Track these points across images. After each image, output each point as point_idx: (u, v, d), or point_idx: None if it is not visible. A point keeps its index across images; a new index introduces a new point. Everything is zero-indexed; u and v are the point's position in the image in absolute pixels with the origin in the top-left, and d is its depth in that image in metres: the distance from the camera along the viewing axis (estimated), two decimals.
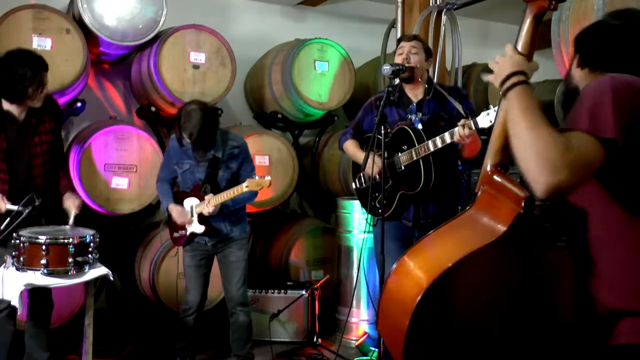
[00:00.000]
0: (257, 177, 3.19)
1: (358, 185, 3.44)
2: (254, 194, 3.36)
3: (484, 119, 2.72)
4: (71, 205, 3.18)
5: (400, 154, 3.12)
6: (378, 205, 3.21)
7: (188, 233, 3.43)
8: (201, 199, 3.35)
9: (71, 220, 3.13)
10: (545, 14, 1.59)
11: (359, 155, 3.30)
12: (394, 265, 1.61)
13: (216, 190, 3.33)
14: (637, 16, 1.61)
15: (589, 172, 1.38)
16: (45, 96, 3.16)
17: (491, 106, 2.74)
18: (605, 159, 1.38)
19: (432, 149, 2.97)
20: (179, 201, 3.46)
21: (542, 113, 1.39)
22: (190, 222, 3.40)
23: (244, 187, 3.18)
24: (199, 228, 3.38)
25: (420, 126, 3.13)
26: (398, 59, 3.15)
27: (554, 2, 1.54)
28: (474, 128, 2.76)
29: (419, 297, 1.44)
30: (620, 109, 1.37)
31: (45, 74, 3.09)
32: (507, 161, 1.62)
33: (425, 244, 1.63)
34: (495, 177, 1.59)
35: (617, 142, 1.37)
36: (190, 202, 3.42)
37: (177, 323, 3.57)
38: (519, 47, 1.58)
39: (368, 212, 3.36)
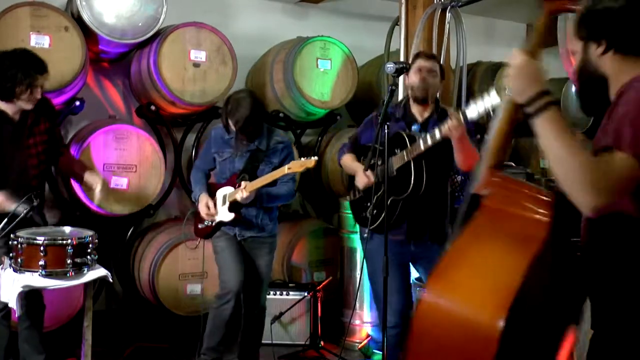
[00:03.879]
0: (302, 159, 3.10)
1: (352, 197, 3.31)
2: (290, 192, 3.33)
3: (472, 110, 2.67)
4: (96, 180, 3.16)
5: (392, 158, 2.99)
6: (368, 216, 3.09)
7: (215, 223, 3.34)
8: (238, 186, 3.24)
9: (98, 193, 3.14)
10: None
11: (355, 167, 3.18)
12: (424, 294, 1.47)
13: None
14: None
15: (631, 189, 1.39)
16: (39, 98, 3.11)
17: (480, 98, 2.67)
18: None
19: (422, 147, 2.86)
20: (212, 193, 3.38)
21: (574, 136, 1.41)
22: (215, 214, 3.30)
23: (285, 169, 3.08)
24: (227, 216, 3.27)
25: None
26: (414, 77, 3.03)
27: (572, 2, 1.51)
28: (462, 118, 2.70)
29: (501, 322, 1.32)
30: None
31: (37, 77, 3.03)
32: (504, 160, 1.61)
33: (458, 259, 1.50)
34: (507, 180, 1.55)
35: None
36: (224, 190, 3.33)
37: (188, 320, 3.45)
38: (528, 46, 1.53)
39: (359, 224, 3.27)
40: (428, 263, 3.03)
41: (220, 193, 3.36)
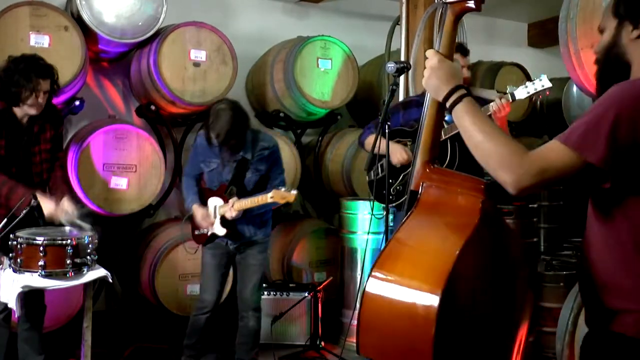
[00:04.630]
0: (283, 190, 3.13)
1: (374, 176, 3.38)
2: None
3: (521, 92, 2.86)
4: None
5: None
6: (393, 193, 3.24)
7: (209, 233, 3.37)
8: (225, 200, 3.29)
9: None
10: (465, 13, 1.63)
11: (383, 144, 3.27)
12: (368, 281, 1.54)
13: (242, 192, 3.28)
14: None
15: (560, 177, 1.41)
16: (45, 104, 3.10)
17: (530, 82, 2.92)
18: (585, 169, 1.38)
19: None
20: (204, 198, 3.39)
21: (491, 122, 1.51)
22: (212, 223, 3.34)
23: (268, 198, 3.13)
24: (220, 230, 3.33)
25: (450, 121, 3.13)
26: None
27: (476, 2, 1.57)
28: (511, 100, 2.87)
29: (438, 303, 1.40)
30: (617, 134, 1.33)
31: (39, 81, 3.02)
32: (437, 156, 1.69)
33: (396, 251, 1.58)
34: (440, 173, 1.65)
35: (601, 169, 1.36)
36: (215, 201, 3.35)
37: (188, 320, 3.51)
38: (441, 48, 1.62)
39: (379, 202, 3.36)
40: None
41: (212, 203, 3.37)
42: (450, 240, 1.51)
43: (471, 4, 1.58)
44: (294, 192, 3.13)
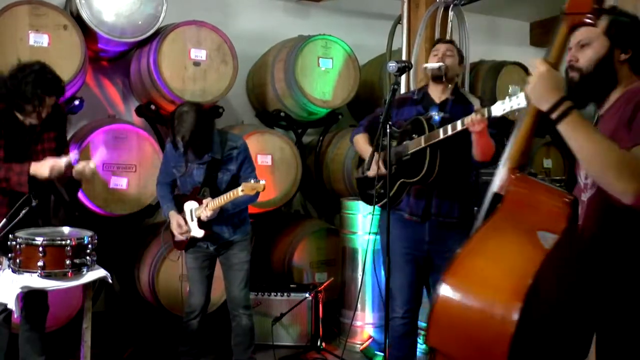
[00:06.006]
0: (252, 181, 3.12)
1: (360, 174, 3.36)
2: (255, 195, 3.28)
3: (498, 108, 2.70)
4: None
5: (408, 141, 3.05)
6: (376, 195, 3.18)
7: (188, 238, 3.38)
8: (200, 202, 3.29)
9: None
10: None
11: (365, 149, 3.26)
12: (444, 280, 1.51)
13: (215, 193, 3.27)
14: None
15: None
16: (46, 115, 3.06)
17: (507, 97, 2.72)
18: None
19: (441, 135, 2.89)
20: (179, 204, 3.40)
21: (601, 133, 1.53)
22: (189, 230, 3.34)
23: (239, 192, 3.12)
24: (198, 232, 3.33)
25: (439, 121, 3.07)
26: (433, 60, 3.15)
27: (593, 18, 1.55)
28: (486, 115, 2.74)
29: (519, 307, 1.37)
30: None
31: (45, 98, 2.96)
32: (526, 163, 1.67)
33: (474, 252, 1.55)
34: (528, 181, 1.63)
35: None
36: (190, 205, 3.36)
37: (180, 326, 3.52)
38: (550, 57, 1.61)
39: (364, 201, 3.39)
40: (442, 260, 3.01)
41: (187, 207, 3.37)
42: (532, 247, 1.48)
43: (589, 19, 1.56)
44: (262, 181, 3.12)
